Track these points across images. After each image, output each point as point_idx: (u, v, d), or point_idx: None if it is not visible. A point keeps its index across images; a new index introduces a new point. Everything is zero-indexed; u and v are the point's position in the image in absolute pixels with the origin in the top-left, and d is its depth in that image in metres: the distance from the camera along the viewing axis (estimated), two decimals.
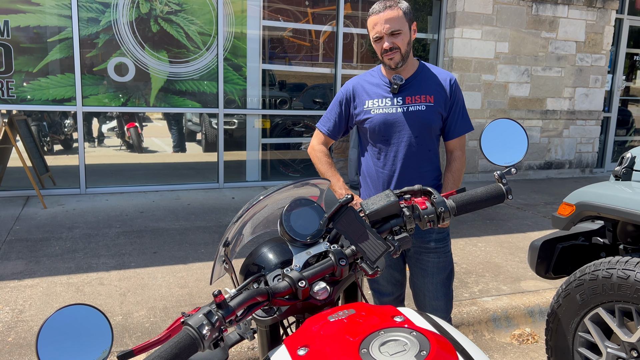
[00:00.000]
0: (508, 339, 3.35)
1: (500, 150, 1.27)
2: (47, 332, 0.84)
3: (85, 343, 0.87)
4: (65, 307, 0.86)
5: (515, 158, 1.27)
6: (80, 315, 0.88)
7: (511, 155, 1.27)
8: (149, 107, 6.71)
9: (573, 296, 2.38)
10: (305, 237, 1.26)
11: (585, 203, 2.48)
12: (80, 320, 0.87)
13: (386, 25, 2.10)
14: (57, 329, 0.85)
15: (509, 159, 1.27)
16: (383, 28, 2.11)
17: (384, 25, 2.11)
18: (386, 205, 1.22)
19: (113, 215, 5.18)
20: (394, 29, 2.10)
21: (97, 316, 0.89)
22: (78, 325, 0.87)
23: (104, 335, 0.89)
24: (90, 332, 0.88)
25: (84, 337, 0.87)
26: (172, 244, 4.41)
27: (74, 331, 0.86)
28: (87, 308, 0.88)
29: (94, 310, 0.89)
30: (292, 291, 1.14)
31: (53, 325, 0.85)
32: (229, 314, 1.01)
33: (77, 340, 0.86)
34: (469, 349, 0.98)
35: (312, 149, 2.41)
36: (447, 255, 2.37)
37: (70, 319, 0.87)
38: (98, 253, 4.13)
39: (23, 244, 4.27)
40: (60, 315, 0.86)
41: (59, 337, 0.85)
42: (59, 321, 0.86)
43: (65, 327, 0.86)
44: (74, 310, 0.87)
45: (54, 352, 0.84)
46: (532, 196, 6.74)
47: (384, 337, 0.95)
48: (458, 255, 4.41)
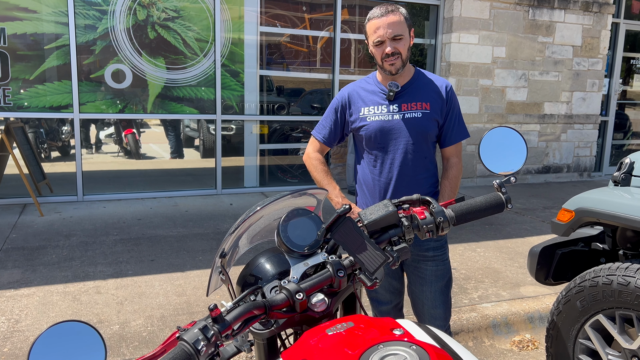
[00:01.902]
0: (508, 346, 3.33)
1: (499, 158, 1.26)
2: (39, 349, 0.83)
3: (78, 359, 0.85)
4: (57, 324, 0.85)
5: (514, 166, 1.26)
6: (73, 331, 0.86)
7: (510, 164, 1.25)
8: (146, 114, 6.69)
9: (573, 303, 2.36)
10: (302, 247, 1.24)
11: (584, 209, 2.46)
12: (73, 336, 0.86)
13: (389, 29, 2.08)
14: (49, 346, 0.84)
15: (508, 167, 1.25)
16: (386, 32, 2.09)
17: (386, 29, 2.09)
18: (384, 215, 1.20)
19: (110, 223, 5.15)
20: (396, 33, 2.09)
21: (89, 332, 0.87)
22: (71, 341, 0.85)
23: (97, 351, 0.87)
24: (83, 348, 0.86)
25: (77, 354, 0.85)
26: (169, 252, 4.39)
27: (66, 348, 0.85)
28: (79, 324, 0.86)
29: (86, 326, 0.87)
30: (289, 303, 1.12)
31: (45, 342, 0.84)
32: (225, 328, 0.99)
33: (70, 357, 0.85)
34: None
35: (307, 156, 2.40)
36: (445, 263, 2.35)
37: (63, 335, 0.85)
38: (95, 261, 4.10)
39: (19, 252, 4.25)
40: (52, 333, 0.84)
41: (51, 354, 0.84)
42: (52, 337, 0.84)
43: (58, 345, 0.84)
44: (66, 327, 0.86)
45: None
46: (530, 200, 6.73)
47: (383, 351, 0.93)
48: (457, 261, 4.39)
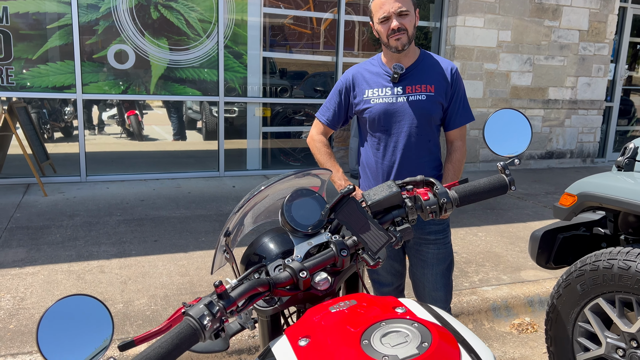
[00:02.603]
0: (507, 328, 3.37)
1: (503, 140, 1.26)
2: (47, 323, 0.84)
3: (85, 333, 0.87)
4: (66, 298, 0.86)
5: (518, 149, 1.26)
6: (81, 305, 0.87)
7: (514, 146, 1.26)
8: (149, 95, 6.68)
9: (573, 286, 2.38)
10: (306, 227, 1.25)
11: (587, 193, 2.47)
12: (80, 310, 0.87)
13: (396, 4, 2.07)
14: (58, 319, 0.85)
15: (512, 149, 1.26)
16: (392, 7, 2.08)
17: (393, 4, 2.08)
18: (388, 196, 1.21)
19: (114, 204, 5.18)
20: (403, 8, 2.08)
21: (97, 306, 0.89)
22: (78, 315, 0.87)
23: (105, 326, 0.88)
24: (90, 322, 0.88)
25: (85, 327, 0.87)
26: (172, 233, 4.42)
27: (74, 321, 0.86)
28: (87, 298, 0.88)
29: (94, 300, 0.88)
30: (293, 281, 1.14)
31: (53, 316, 0.85)
32: (230, 304, 1.00)
33: (77, 331, 0.86)
34: (470, 339, 0.98)
35: (311, 139, 2.39)
36: (447, 247, 2.37)
37: (71, 309, 0.86)
38: (99, 241, 4.13)
39: (24, 231, 4.28)
40: (61, 306, 0.86)
41: (59, 328, 0.85)
42: (60, 311, 0.86)
43: (66, 318, 0.86)
44: (74, 301, 0.87)
45: (55, 343, 0.84)
46: (532, 186, 6.73)
47: (385, 328, 0.95)
48: (458, 245, 4.41)
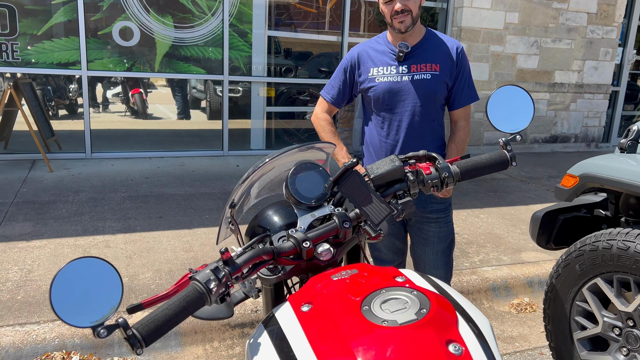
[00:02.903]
0: (507, 308, 3.41)
1: (506, 117, 1.27)
2: (60, 283, 0.87)
3: (96, 294, 0.90)
4: (77, 260, 0.89)
5: (520, 125, 1.27)
6: (92, 267, 0.90)
7: (517, 122, 1.27)
8: (153, 73, 6.67)
9: (572, 266, 2.40)
10: (310, 200, 1.28)
11: (589, 175, 2.48)
12: (91, 272, 0.90)
13: None
14: (70, 280, 0.88)
15: (515, 126, 1.27)
16: None
17: None
18: (391, 169, 1.23)
19: (118, 180, 5.22)
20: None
21: (107, 269, 0.92)
22: (89, 277, 0.90)
23: (115, 287, 0.92)
24: (101, 283, 0.91)
25: (95, 288, 0.90)
26: (177, 210, 4.46)
27: (85, 283, 0.89)
28: (98, 261, 0.91)
29: (104, 263, 0.91)
30: (296, 251, 1.16)
31: (66, 277, 0.88)
32: (235, 270, 1.03)
33: (88, 291, 0.89)
34: (467, 308, 1.01)
35: (315, 117, 2.40)
36: (448, 225, 2.39)
37: (82, 271, 0.90)
38: (104, 216, 4.18)
39: (30, 206, 4.33)
40: (73, 267, 0.89)
41: (71, 288, 0.88)
42: (71, 273, 0.89)
43: (78, 279, 0.89)
44: (85, 263, 0.90)
45: (67, 302, 0.87)
46: (536, 169, 6.73)
47: (385, 295, 0.98)
48: (460, 226, 4.44)
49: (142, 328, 0.91)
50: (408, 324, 0.89)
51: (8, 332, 2.59)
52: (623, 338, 2.25)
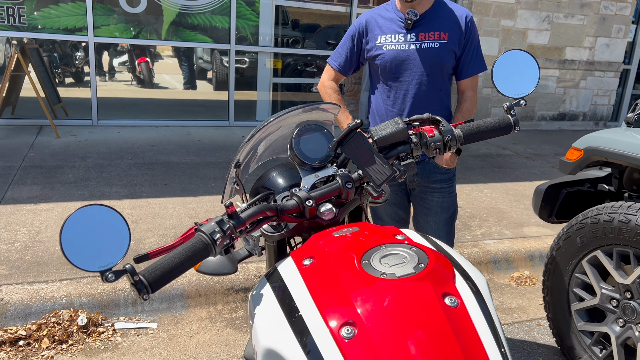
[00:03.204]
0: (507, 281, 3.45)
1: (511, 81, 1.27)
2: (69, 228, 0.90)
3: (104, 241, 0.93)
4: (87, 206, 0.92)
5: (525, 90, 1.27)
6: (100, 215, 0.93)
7: (522, 87, 1.27)
8: (160, 41, 6.64)
9: (573, 239, 2.43)
10: (314, 160, 1.29)
11: (593, 148, 2.48)
12: (100, 219, 0.93)
13: None
14: (79, 226, 0.91)
15: (519, 90, 1.27)
16: None
17: None
18: (394, 131, 1.24)
19: (125, 148, 5.25)
20: None
21: (115, 217, 0.94)
22: (98, 224, 0.93)
23: (122, 235, 0.94)
24: (109, 231, 0.93)
25: (104, 235, 0.93)
26: (182, 177, 4.49)
27: (94, 229, 0.92)
28: (106, 209, 0.93)
29: (112, 211, 0.94)
30: (299, 209, 1.19)
31: (75, 223, 0.91)
32: (239, 224, 1.06)
33: (97, 238, 0.92)
34: (465, 266, 1.03)
35: (322, 85, 2.40)
36: (451, 196, 2.41)
37: (91, 218, 0.92)
38: (110, 182, 4.22)
39: (38, 170, 4.37)
40: (82, 214, 0.91)
41: (80, 234, 0.91)
42: (81, 219, 0.91)
43: (86, 225, 0.91)
44: (94, 210, 0.92)
45: (76, 247, 0.90)
46: (542, 147, 6.71)
47: (385, 251, 1.00)
48: (463, 200, 4.46)
49: (148, 274, 0.94)
50: (406, 277, 0.91)
51: (17, 289, 2.65)
52: (620, 310, 2.28)
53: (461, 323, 0.88)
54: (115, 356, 2.44)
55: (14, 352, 2.40)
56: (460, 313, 0.89)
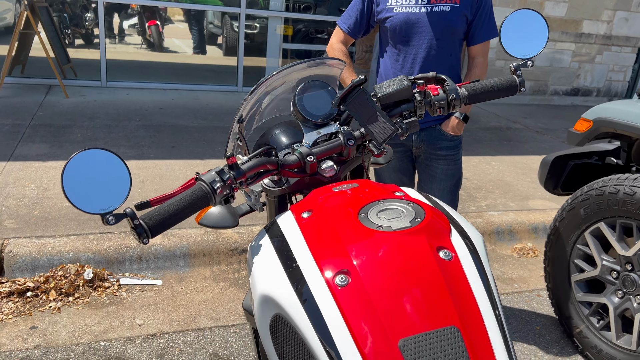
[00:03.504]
0: (509, 252, 3.47)
1: (519, 42, 1.25)
2: (71, 171, 0.91)
3: (106, 185, 0.94)
4: (88, 150, 0.92)
5: (533, 51, 1.25)
6: (102, 159, 0.94)
7: (529, 48, 1.25)
8: (170, 2, 6.56)
9: (577, 210, 2.42)
10: (317, 117, 1.29)
11: (603, 119, 2.45)
12: (101, 164, 0.93)
13: None
14: (80, 169, 0.92)
15: (527, 51, 1.25)
16: None
17: None
18: (399, 89, 1.23)
19: (133, 109, 5.25)
20: None
21: (116, 162, 0.95)
22: (99, 168, 0.93)
23: (123, 180, 0.95)
24: (110, 175, 0.94)
25: (105, 179, 0.94)
26: (189, 141, 4.50)
27: (95, 173, 0.93)
28: (107, 153, 0.94)
29: (114, 156, 0.94)
30: (300, 165, 1.19)
31: (76, 166, 0.91)
32: (240, 175, 1.07)
33: (98, 182, 0.93)
34: (462, 223, 1.04)
35: (330, 47, 2.37)
36: (456, 164, 2.40)
37: (93, 161, 0.93)
38: (118, 143, 4.24)
39: (46, 129, 4.40)
40: (83, 157, 0.92)
41: (82, 177, 0.92)
42: (82, 162, 0.92)
43: (88, 169, 0.92)
44: (95, 154, 0.93)
45: (78, 190, 0.91)
46: (553, 121, 6.63)
47: (382, 205, 1.01)
48: (470, 172, 4.45)
49: (148, 219, 0.95)
50: (402, 230, 0.92)
51: (25, 243, 2.71)
52: (620, 281, 2.29)
53: (454, 276, 0.89)
54: (119, 310, 2.50)
55: (22, 302, 2.46)
56: (454, 267, 0.90)
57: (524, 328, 2.68)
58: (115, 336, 2.33)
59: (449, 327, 0.82)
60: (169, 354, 2.25)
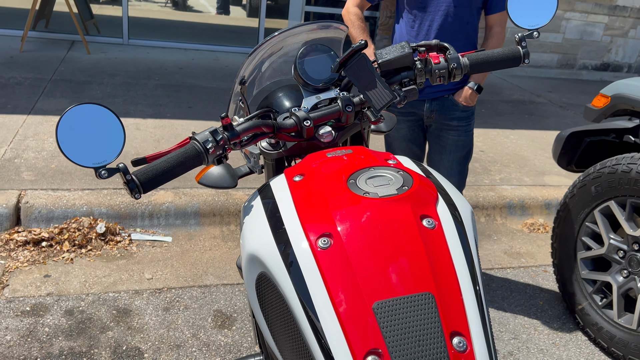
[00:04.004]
0: (519, 226, 3.45)
1: (526, 11, 1.21)
2: (65, 124, 0.93)
3: (100, 140, 0.96)
4: (82, 104, 0.94)
5: (540, 21, 1.22)
6: (96, 114, 0.95)
7: (537, 18, 1.21)
8: None
9: (588, 188, 2.39)
10: (317, 82, 1.29)
11: (621, 95, 2.39)
12: (95, 119, 0.95)
13: None
14: (75, 123, 0.94)
15: (534, 21, 1.22)
16: None
17: None
18: (399, 56, 1.21)
19: (153, 68, 5.27)
20: None
21: (111, 118, 0.97)
22: (94, 123, 0.95)
23: (117, 136, 0.97)
24: (105, 130, 0.96)
25: (99, 134, 0.96)
26: (207, 102, 4.52)
27: (90, 128, 0.95)
28: (102, 109, 0.96)
29: (108, 111, 0.96)
30: (297, 129, 1.20)
31: (71, 119, 0.93)
32: (234, 136, 1.08)
33: (92, 136, 0.95)
34: (452, 194, 1.04)
35: (346, 11, 2.34)
36: (468, 135, 2.38)
37: (87, 116, 0.95)
38: (136, 101, 4.28)
39: (67, 84, 4.46)
40: (78, 111, 0.94)
41: (76, 131, 0.94)
42: (77, 116, 0.94)
43: (82, 123, 0.94)
44: (90, 109, 0.95)
45: (72, 143, 0.93)
46: (579, 97, 6.46)
47: (372, 172, 1.01)
48: (488, 145, 4.39)
49: (141, 175, 0.97)
50: (387, 197, 0.93)
51: (42, 195, 2.79)
52: (626, 261, 2.28)
53: (435, 245, 0.90)
54: (130, 264, 2.59)
55: (37, 251, 2.56)
56: (436, 235, 0.91)
57: (527, 302, 2.69)
58: (124, 288, 2.41)
59: (424, 293, 0.83)
60: (174, 308, 2.33)
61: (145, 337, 2.15)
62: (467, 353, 0.81)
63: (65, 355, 2.01)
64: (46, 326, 2.13)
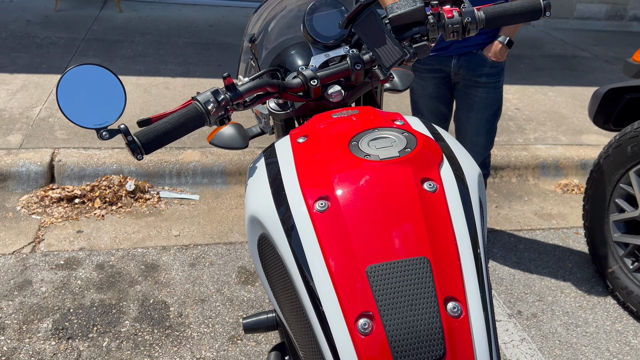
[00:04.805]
0: (552, 187, 3.35)
1: None
2: (65, 85, 0.93)
3: (101, 101, 0.96)
4: (82, 65, 0.94)
5: None
6: (97, 75, 0.96)
7: None
8: None
9: (624, 147, 2.28)
10: (327, 39, 1.24)
11: None
12: (96, 80, 0.96)
13: None
14: (75, 84, 0.94)
15: None
16: None
17: None
18: (411, 10, 1.16)
19: (183, 26, 5.26)
20: None
21: (112, 79, 0.97)
22: (94, 84, 0.95)
23: (118, 97, 0.97)
24: (106, 92, 0.96)
25: (101, 95, 0.96)
26: (236, 60, 4.49)
27: (91, 89, 0.95)
28: (102, 70, 0.95)
29: (109, 72, 0.96)
30: (304, 88, 1.17)
31: (71, 80, 0.94)
32: (236, 97, 1.06)
33: (94, 97, 0.96)
34: (459, 156, 1.00)
35: None
36: (497, 92, 2.29)
37: (87, 77, 0.95)
38: (166, 60, 4.30)
39: (99, 43, 4.51)
40: (78, 72, 0.94)
41: (77, 92, 0.95)
42: (77, 77, 0.94)
43: (83, 84, 0.95)
44: (90, 70, 0.95)
45: (73, 104, 0.94)
46: (627, 50, 6.09)
47: (376, 134, 0.99)
48: (524, 102, 4.23)
49: (142, 136, 0.98)
50: (388, 160, 0.91)
51: (74, 153, 2.88)
52: None
53: (435, 208, 0.87)
54: (158, 221, 2.66)
55: (70, 208, 2.66)
56: (437, 199, 0.88)
57: (555, 264, 2.63)
58: (152, 244, 2.49)
59: (419, 257, 0.82)
60: (200, 264, 2.40)
61: (172, 292, 2.23)
62: (461, 318, 0.79)
63: (96, 306, 2.11)
64: (78, 279, 2.24)
